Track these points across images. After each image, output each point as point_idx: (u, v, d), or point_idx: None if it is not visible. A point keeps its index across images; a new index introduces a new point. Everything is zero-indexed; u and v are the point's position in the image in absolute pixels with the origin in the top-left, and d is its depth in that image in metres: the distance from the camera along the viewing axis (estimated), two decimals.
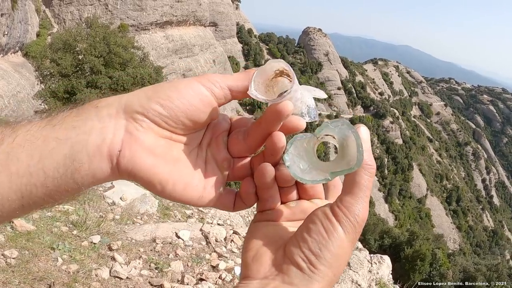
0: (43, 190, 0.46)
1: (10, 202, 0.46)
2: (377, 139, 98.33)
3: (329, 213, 0.48)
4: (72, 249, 3.54)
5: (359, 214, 0.48)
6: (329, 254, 0.46)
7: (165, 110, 0.50)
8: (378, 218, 39.95)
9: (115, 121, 0.49)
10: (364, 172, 0.49)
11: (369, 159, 0.49)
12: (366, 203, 0.49)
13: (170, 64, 51.65)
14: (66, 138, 0.46)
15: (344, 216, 0.47)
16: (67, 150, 0.46)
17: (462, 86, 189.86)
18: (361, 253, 5.80)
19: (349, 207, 0.48)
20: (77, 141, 0.46)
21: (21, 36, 31.57)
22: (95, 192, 5.58)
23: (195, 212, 6.60)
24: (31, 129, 0.47)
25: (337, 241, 0.47)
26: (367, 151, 0.49)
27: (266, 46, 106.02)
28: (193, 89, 0.51)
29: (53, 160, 0.46)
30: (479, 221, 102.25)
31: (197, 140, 0.56)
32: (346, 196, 0.49)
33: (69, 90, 15.53)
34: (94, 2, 44.97)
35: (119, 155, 0.48)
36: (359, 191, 0.48)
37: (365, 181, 0.49)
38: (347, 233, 0.47)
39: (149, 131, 0.50)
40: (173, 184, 0.52)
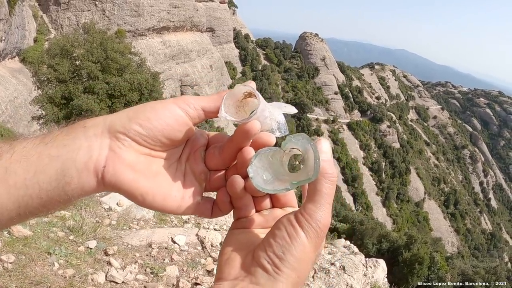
0: (38, 201, 0.52)
1: (8, 211, 0.52)
2: (374, 143, 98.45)
3: (293, 219, 0.52)
4: (69, 254, 3.57)
5: (320, 220, 0.52)
6: (292, 258, 0.50)
7: (144, 130, 0.55)
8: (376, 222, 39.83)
9: (100, 140, 0.54)
10: (325, 180, 0.53)
11: (329, 168, 0.53)
12: (328, 210, 0.53)
13: (167, 70, 51.72)
14: (57, 155, 0.52)
15: (306, 222, 0.51)
16: (59, 165, 0.52)
17: (459, 89, 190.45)
18: (356, 257, 5.84)
19: (311, 214, 0.52)
20: (67, 158, 0.52)
21: (18, 41, 31.62)
22: (91, 198, 5.60)
23: (191, 217, 6.64)
24: (27, 146, 0.53)
25: (300, 246, 0.51)
26: (327, 161, 0.53)
27: (263, 51, 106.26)
28: (169, 110, 0.56)
29: (47, 174, 0.52)
30: (477, 224, 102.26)
31: (176, 155, 0.62)
32: (309, 203, 0.53)
33: (66, 95, 15.54)
34: (91, 8, 45.09)
35: (103, 171, 0.53)
36: (320, 199, 0.52)
37: (326, 189, 0.52)
38: (309, 238, 0.51)
39: (130, 149, 0.55)
40: (153, 196, 0.57)
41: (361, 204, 77.11)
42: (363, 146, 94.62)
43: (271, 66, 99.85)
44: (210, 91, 64.21)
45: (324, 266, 5.13)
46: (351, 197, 78.03)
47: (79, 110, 15.05)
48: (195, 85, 59.07)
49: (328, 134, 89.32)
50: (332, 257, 5.60)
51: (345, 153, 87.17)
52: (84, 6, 44.54)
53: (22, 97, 26.72)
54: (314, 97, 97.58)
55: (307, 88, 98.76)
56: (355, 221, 32.92)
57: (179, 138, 0.59)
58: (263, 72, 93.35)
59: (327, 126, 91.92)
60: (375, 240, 29.39)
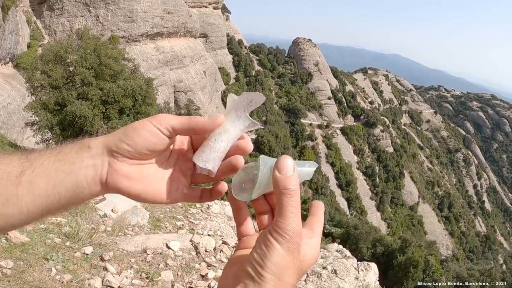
0: (57, 205, 0.70)
1: (33, 215, 0.70)
2: (368, 148, 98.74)
3: (267, 233, 0.64)
4: (66, 260, 3.63)
5: (289, 229, 0.62)
6: (270, 264, 0.61)
7: (131, 148, 0.70)
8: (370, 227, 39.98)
9: (101, 157, 0.71)
10: (285, 195, 0.64)
11: (288, 184, 0.64)
12: (294, 219, 0.63)
13: (161, 76, 51.69)
14: (71, 171, 0.69)
15: (277, 233, 0.63)
16: (73, 179, 0.69)
17: (452, 93, 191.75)
18: (348, 260, 5.92)
19: (280, 226, 0.63)
20: (78, 173, 0.70)
21: (12, 47, 31.53)
22: (86, 205, 5.65)
23: (185, 223, 6.69)
24: (44, 163, 0.70)
25: (275, 252, 0.62)
26: (286, 178, 0.64)
27: (256, 57, 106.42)
28: (147, 129, 0.71)
29: (64, 186, 0.69)
30: (471, 227, 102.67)
31: (163, 158, 0.78)
32: (277, 217, 0.64)
33: (60, 102, 15.52)
34: (85, 14, 45.04)
35: (106, 181, 0.71)
36: (284, 211, 0.63)
37: (287, 202, 0.63)
38: (282, 245, 0.62)
39: (124, 163, 0.71)
40: (145, 194, 0.74)
41: (355, 209, 77.16)
42: (357, 150, 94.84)
43: (265, 72, 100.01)
44: (204, 97, 64.14)
45: (316, 270, 5.21)
46: (345, 202, 78.10)
47: (72, 116, 15.04)
48: (189, 91, 59.05)
49: (321, 139, 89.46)
50: (324, 261, 5.68)
51: (339, 158, 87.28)
52: (77, 11, 44.48)
53: (16, 103, 26.60)
54: (307, 102, 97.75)
55: (300, 93, 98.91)
56: (350, 225, 32.99)
57: (160, 149, 0.73)
58: (256, 77, 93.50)
59: (321, 131, 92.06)
60: (370, 244, 29.45)
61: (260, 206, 0.77)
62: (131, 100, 16.21)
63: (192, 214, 7.25)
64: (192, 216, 7.13)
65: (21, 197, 0.69)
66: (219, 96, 76.44)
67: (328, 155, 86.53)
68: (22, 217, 0.71)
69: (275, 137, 72.75)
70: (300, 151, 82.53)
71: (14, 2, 31.16)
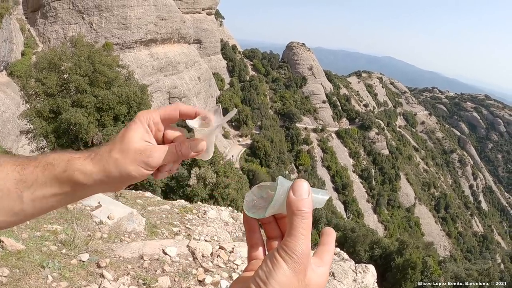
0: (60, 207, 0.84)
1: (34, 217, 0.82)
2: (363, 151, 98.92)
3: (275, 251, 0.64)
4: (62, 267, 3.61)
5: (297, 249, 0.63)
6: (274, 281, 0.61)
7: None
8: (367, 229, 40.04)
9: None
10: (297, 216, 0.65)
11: (302, 206, 0.66)
12: (304, 240, 0.64)
13: (155, 82, 51.64)
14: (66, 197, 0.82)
15: (284, 252, 0.63)
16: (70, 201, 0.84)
17: (446, 94, 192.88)
18: (345, 263, 5.92)
19: (288, 245, 0.63)
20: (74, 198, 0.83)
21: (6, 55, 31.41)
22: (82, 212, 5.63)
23: (182, 229, 6.67)
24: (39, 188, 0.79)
25: (280, 271, 0.62)
26: (301, 200, 0.66)
27: (251, 62, 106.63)
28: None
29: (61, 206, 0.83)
30: (468, 227, 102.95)
31: None
32: (287, 237, 0.65)
33: (54, 109, 15.45)
34: (78, 21, 44.98)
35: None
36: (295, 232, 0.64)
37: (299, 223, 0.65)
38: (288, 264, 0.62)
39: None
40: None
41: (352, 212, 77.19)
42: (352, 153, 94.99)
43: (259, 77, 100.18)
44: (199, 102, 64.04)
45: None
46: (342, 205, 78.06)
47: (67, 124, 14.97)
48: (184, 97, 58.98)
49: (317, 143, 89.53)
50: None
51: (335, 161, 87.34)
52: (71, 19, 44.42)
53: (10, 111, 26.48)
54: (302, 106, 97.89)
55: (295, 97, 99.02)
56: (347, 228, 33.02)
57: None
58: (251, 82, 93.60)
59: (316, 135, 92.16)
60: (367, 247, 29.49)
61: (271, 230, 0.79)
62: (125, 107, 16.17)
63: (188, 220, 7.23)
64: (188, 222, 7.11)
65: (26, 212, 0.80)
66: (214, 102, 76.39)
67: (324, 158, 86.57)
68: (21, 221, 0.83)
69: (271, 141, 72.73)
70: (295, 155, 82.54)
71: (7, 10, 31.07)
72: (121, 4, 47.51)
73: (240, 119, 78.27)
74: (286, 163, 75.46)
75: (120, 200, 7.26)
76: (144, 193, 8.94)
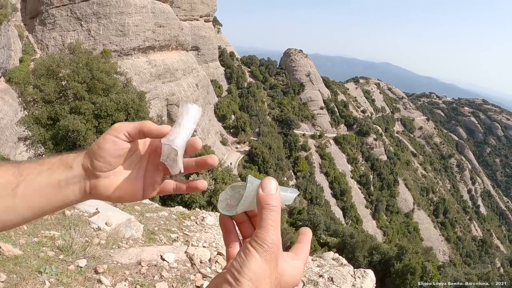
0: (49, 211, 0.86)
1: (28, 219, 0.85)
2: (361, 157, 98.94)
3: (248, 243, 0.70)
4: (59, 273, 3.60)
5: (268, 239, 0.68)
6: (247, 270, 0.66)
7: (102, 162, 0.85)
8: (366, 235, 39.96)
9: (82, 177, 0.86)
10: (265, 210, 0.71)
11: (269, 200, 0.72)
12: (273, 231, 0.70)
13: (153, 89, 51.65)
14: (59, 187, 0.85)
15: (255, 243, 0.68)
16: (63, 193, 0.85)
17: (443, 99, 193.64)
18: (344, 268, 5.91)
19: (259, 236, 0.69)
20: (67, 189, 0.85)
21: (4, 62, 31.42)
22: (80, 218, 5.62)
23: (180, 235, 6.65)
24: (37, 179, 0.83)
25: (252, 259, 0.67)
26: (269, 195, 0.73)
27: (248, 69, 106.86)
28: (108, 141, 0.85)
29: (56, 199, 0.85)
30: (467, 232, 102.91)
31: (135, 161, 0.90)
32: (258, 229, 0.70)
33: (52, 116, 15.45)
34: (77, 28, 45.04)
35: (89, 192, 0.87)
36: (265, 224, 0.70)
37: (268, 216, 0.71)
38: (260, 254, 0.67)
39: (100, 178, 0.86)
40: (124, 197, 0.89)
41: (350, 218, 77.04)
42: (351, 159, 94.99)
43: (257, 83, 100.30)
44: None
45: (312, 278, 5.19)
46: (340, 211, 77.92)
47: (65, 130, 14.97)
48: None
49: (315, 149, 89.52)
50: (321, 269, 5.67)
51: (333, 168, 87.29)
52: (69, 26, 44.48)
53: (8, 118, 26.44)
54: (300, 112, 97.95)
55: (293, 104, 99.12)
56: (345, 234, 32.97)
57: (124, 153, 0.86)
58: (248, 89, 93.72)
59: (314, 141, 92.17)
60: (366, 253, 29.43)
61: (246, 229, 0.84)
62: (124, 114, 16.18)
63: (186, 226, 7.21)
64: (186, 228, 7.09)
65: (18, 207, 0.82)
66: (212, 109, 76.44)
67: (322, 165, 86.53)
68: (17, 221, 0.84)
69: (269, 148, 72.69)
70: (293, 162, 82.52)
71: (6, 17, 31.14)
72: (119, 11, 47.62)
73: (238, 125, 78.29)
74: (284, 170, 75.40)
75: (118, 206, 7.25)
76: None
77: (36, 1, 43.68)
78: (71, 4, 44.37)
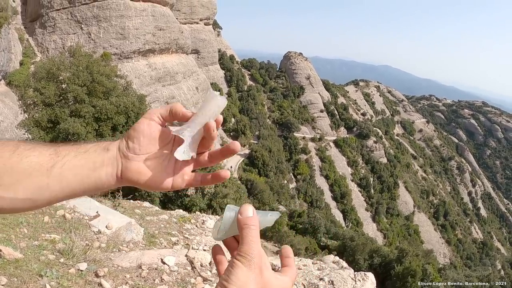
0: (80, 194, 0.90)
1: (58, 200, 0.88)
2: (361, 159, 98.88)
3: (233, 257, 0.79)
4: (60, 276, 3.60)
5: (250, 251, 0.77)
6: (234, 277, 0.74)
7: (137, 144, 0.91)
8: (366, 238, 39.93)
9: (117, 159, 0.92)
10: (244, 229, 0.80)
11: (248, 221, 0.81)
12: (253, 245, 0.79)
13: (154, 92, 51.65)
14: (94, 169, 0.89)
15: (239, 256, 0.77)
16: (97, 175, 0.89)
17: (443, 102, 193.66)
18: (345, 271, 5.91)
19: (242, 250, 0.78)
20: (101, 171, 0.90)
21: (4, 64, 31.42)
22: (80, 221, 5.62)
23: (180, 239, 6.65)
24: (72, 160, 0.87)
25: (238, 269, 0.76)
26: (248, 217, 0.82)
27: (248, 72, 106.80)
28: (143, 124, 0.92)
29: (88, 181, 0.88)
30: (468, 234, 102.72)
31: (166, 153, 0.95)
32: (240, 246, 0.79)
33: (52, 119, 15.46)
34: (77, 31, 45.08)
35: (121, 176, 0.92)
36: (246, 240, 0.79)
37: (247, 233, 0.80)
38: (243, 263, 0.76)
39: (133, 161, 0.92)
40: (153, 184, 0.94)
41: (351, 221, 76.91)
42: (351, 162, 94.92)
43: (257, 86, 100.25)
44: None
45: (313, 282, 5.19)
46: (340, 214, 77.80)
47: (65, 134, 14.96)
48: None
49: (315, 152, 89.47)
50: (321, 272, 5.67)
51: (333, 170, 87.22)
52: (69, 29, 44.50)
53: (8, 121, 26.43)
54: (300, 115, 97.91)
55: (293, 107, 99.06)
56: (346, 237, 32.93)
57: (156, 136, 0.92)
58: (248, 92, 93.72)
59: (314, 144, 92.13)
60: (367, 256, 29.40)
61: (234, 252, 0.87)
62: (124, 117, 16.19)
63: (187, 230, 7.21)
64: (187, 232, 7.09)
65: (51, 187, 0.85)
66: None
67: (322, 167, 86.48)
68: (49, 201, 0.88)
69: (269, 151, 72.66)
70: (293, 165, 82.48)
71: (6, 20, 31.15)
72: (119, 14, 47.69)
73: (238, 129, 78.24)
74: (284, 173, 75.37)
75: (118, 210, 7.24)
76: (142, 203, 8.92)
77: (37, 4, 43.74)
78: (71, 7, 44.44)
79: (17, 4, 44.04)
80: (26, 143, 0.90)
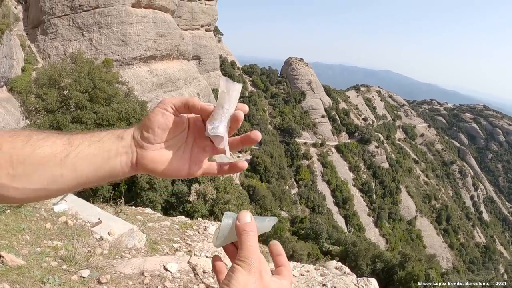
0: (94, 183, 0.89)
1: (72, 189, 0.87)
2: (363, 165, 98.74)
3: (233, 262, 0.82)
4: (62, 283, 3.59)
5: (249, 256, 0.79)
6: (235, 282, 0.76)
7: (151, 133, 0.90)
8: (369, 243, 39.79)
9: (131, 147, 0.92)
10: (243, 235, 0.83)
11: (246, 227, 0.84)
12: (253, 249, 0.81)
13: (155, 99, 51.66)
14: (108, 157, 0.88)
15: (239, 260, 0.80)
16: (111, 164, 0.88)
17: (444, 106, 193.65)
18: (347, 277, 5.88)
19: (241, 255, 0.80)
20: (115, 160, 0.89)
21: (6, 71, 31.52)
22: (83, 228, 5.61)
23: (183, 245, 6.63)
24: (86, 150, 0.86)
25: (238, 273, 0.78)
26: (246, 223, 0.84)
27: (249, 78, 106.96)
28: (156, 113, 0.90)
29: (103, 170, 0.88)
30: (470, 238, 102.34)
31: (181, 141, 0.95)
32: (239, 251, 0.82)
33: (54, 125, 15.47)
34: (78, 38, 45.25)
35: (136, 165, 0.91)
36: (245, 245, 0.81)
37: (246, 239, 0.82)
38: (243, 267, 0.79)
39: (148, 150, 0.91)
40: (168, 172, 0.93)
41: (353, 226, 76.73)
42: (352, 167, 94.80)
43: (258, 92, 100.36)
44: None
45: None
46: (342, 219, 77.58)
47: None
48: None
49: (317, 157, 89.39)
50: (324, 278, 5.64)
51: (335, 176, 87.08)
52: (71, 35, 44.68)
53: (10, 127, 26.44)
54: (301, 121, 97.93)
55: (294, 112, 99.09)
56: (348, 243, 32.86)
57: (169, 126, 0.90)
58: (250, 98, 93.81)
59: (316, 149, 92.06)
60: (369, 261, 29.30)
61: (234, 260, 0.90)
62: (125, 123, 16.20)
63: (189, 236, 7.19)
64: (189, 238, 7.07)
65: (65, 177, 0.85)
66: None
67: (324, 173, 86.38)
68: (63, 190, 0.88)
69: (270, 157, 72.63)
70: (295, 170, 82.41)
71: (8, 26, 31.29)
72: (121, 21, 47.90)
73: (240, 135, 78.23)
74: (286, 178, 75.29)
75: (120, 216, 7.23)
76: (144, 209, 8.91)
77: (38, 11, 43.98)
78: (73, 13, 44.65)
79: (19, 11, 44.29)
80: (38, 132, 0.88)
